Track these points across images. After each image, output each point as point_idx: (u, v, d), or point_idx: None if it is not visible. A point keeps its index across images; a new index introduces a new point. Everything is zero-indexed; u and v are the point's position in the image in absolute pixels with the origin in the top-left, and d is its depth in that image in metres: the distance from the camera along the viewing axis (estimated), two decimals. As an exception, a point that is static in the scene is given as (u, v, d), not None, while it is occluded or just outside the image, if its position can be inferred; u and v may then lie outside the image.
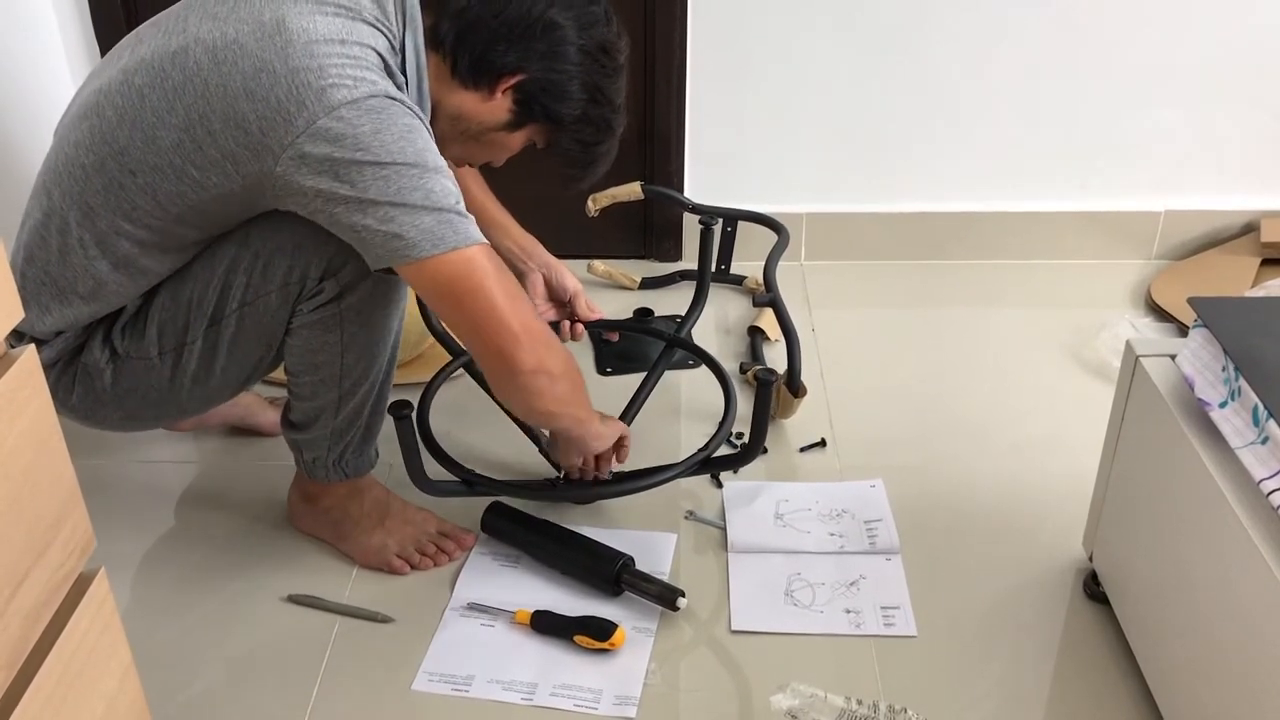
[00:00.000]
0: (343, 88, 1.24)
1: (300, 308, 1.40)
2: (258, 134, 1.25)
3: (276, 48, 1.25)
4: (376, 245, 1.27)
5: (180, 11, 1.35)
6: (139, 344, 1.42)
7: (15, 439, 0.86)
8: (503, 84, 1.40)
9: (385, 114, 1.25)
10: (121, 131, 1.30)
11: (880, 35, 2.20)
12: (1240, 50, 2.21)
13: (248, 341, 1.43)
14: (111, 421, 1.50)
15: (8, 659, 0.86)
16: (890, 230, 2.37)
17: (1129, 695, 1.40)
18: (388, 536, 1.59)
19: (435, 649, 1.47)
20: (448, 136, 1.44)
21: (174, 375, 1.43)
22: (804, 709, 1.37)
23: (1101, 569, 1.50)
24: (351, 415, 1.51)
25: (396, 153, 1.25)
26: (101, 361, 1.42)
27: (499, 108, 1.42)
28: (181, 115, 1.27)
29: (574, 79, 1.41)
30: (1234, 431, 1.17)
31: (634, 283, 2.31)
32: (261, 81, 1.24)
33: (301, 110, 1.23)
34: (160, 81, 1.28)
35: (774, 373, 1.62)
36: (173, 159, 1.29)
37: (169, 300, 1.41)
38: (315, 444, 1.54)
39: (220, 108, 1.25)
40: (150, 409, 1.48)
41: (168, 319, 1.41)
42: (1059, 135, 2.30)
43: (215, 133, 1.26)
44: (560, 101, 1.42)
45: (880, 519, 1.67)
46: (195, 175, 1.29)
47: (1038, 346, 2.11)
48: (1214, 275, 2.26)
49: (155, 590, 1.58)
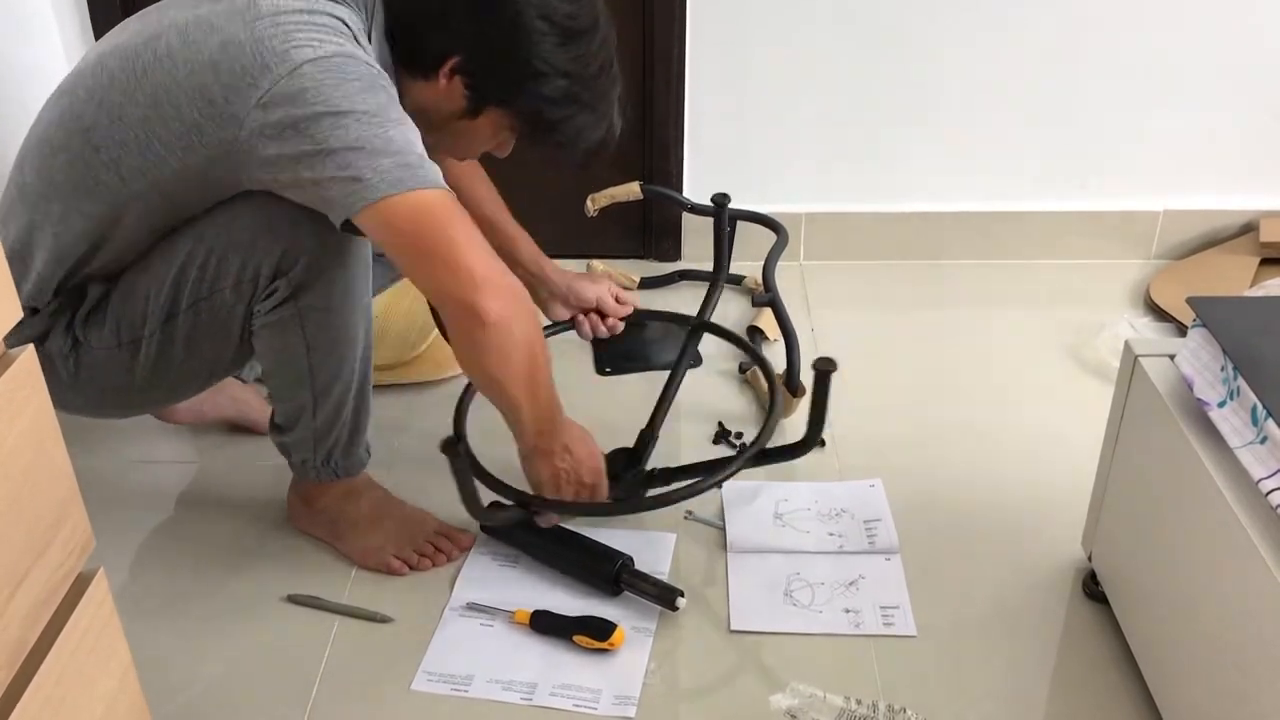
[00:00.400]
0: (306, 48, 1.25)
1: (257, 308, 1.40)
2: (222, 103, 1.25)
3: (244, 22, 1.26)
4: (336, 195, 1.26)
5: (165, 4, 1.38)
6: (99, 334, 1.42)
7: (15, 439, 0.86)
8: (442, 70, 1.38)
9: (347, 68, 1.25)
10: (89, 109, 1.32)
11: (880, 35, 2.20)
12: (1240, 50, 2.21)
13: (204, 338, 1.42)
14: (77, 407, 1.49)
15: (7, 659, 0.86)
16: (889, 230, 2.37)
17: (1129, 695, 1.40)
18: (386, 537, 1.59)
19: (435, 649, 1.47)
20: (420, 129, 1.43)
21: (132, 367, 1.44)
22: (804, 709, 1.37)
23: (1101, 569, 1.50)
24: (331, 415, 1.51)
25: (358, 103, 1.24)
26: (64, 349, 1.43)
27: (452, 94, 1.40)
28: (149, 92, 1.29)
29: (514, 54, 1.36)
30: (1233, 431, 1.17)
31: (634, 283, 2.31)
32: (228, 53, 1.25)
33: (265, 74, 1.24)
34: (131, 64, 1.30)
35: (832, 361, 1.57)
36: (138, 133, 1.30)
37: (127, 292, 1.41)
38: (301, 445, 1.54)
39: (186, 83, 1.27)
40: (113, 398, 1.48)
41: (125, 311, 1.41)
42: (1059, 135, 2.30)
43: (180, 106, 1.27)
44: (507, 81, 1.38)
45: (879, 519, 1.67)
46: (159, 149, 1.30)
47: (1037, 346, 2.11)
48: (1213, 275, 2.26)
49: (155, 590, 1.58)
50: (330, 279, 1.39)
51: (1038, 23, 2.19)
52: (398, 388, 1.94)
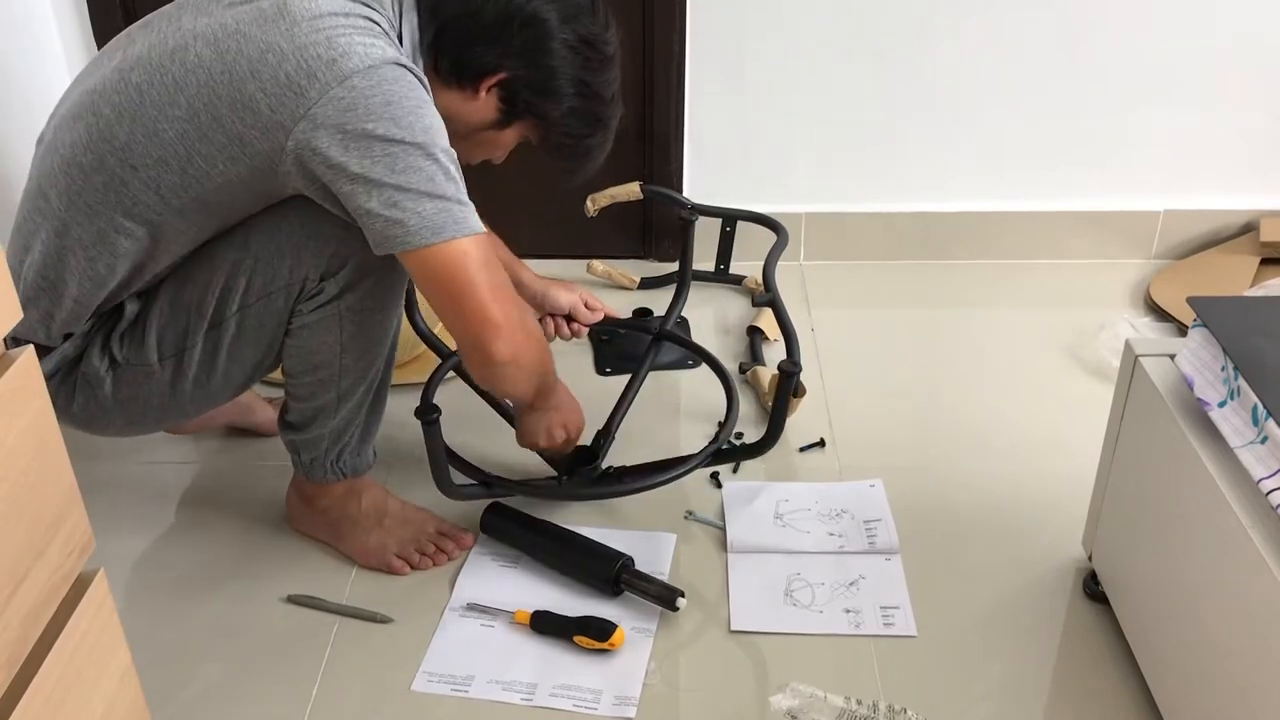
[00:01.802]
0: (353, 56, 1.24)
1: (300, 308, 1.40)
2: (268, 112, 1.24)
3: (281, 30, 1.25)
4: (377, 230, 1.27)
5: (172, 11, 1.35)
6: (139, 351, 1.41)
7: (15, 439, 0.86)
8: (485, 83, 1.40)
9: (397, 85, 1.25)
10: (121, 128, 1.29)
11: (880, 35, 2.20)
12: (1240, 50, 2.21)
13: (249, 343, 1.42)
14: (113, 428, 1.49)
15: (7, 659, 0.86)
16: (890, 230, 2.37)
17: (1129, 695, 1.40)
18: (386, 536, 1.59)
19: (435, 649, 1.47)
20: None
21: (175, 380, 1.43)
22: (804, 709, 1.37)
23: (1101, 569, 1.50)
24: (349, 416, 1.51)
25: (405, 128, 1.24)
26: (101, 370, 1.41)
27: (485, 107, 1.42)
28: (185, 107, 1.26)
29: (558, 75, 1.40)
30: (1233, 431, 1.17)
31: (633, 283, 2.31)
32: (268, 62, 1.24)
33: (313, 82, 1.23)
34: (159, 77, 1.28)
35: (797, 364, 1.64)
36: (177, 149, 1.28)
37: (167, 306, 1.40)
38: (313, 444, 1.54)
39: (227, 94, 1.25)
40: (152, 414, 1.48)
41: (167, 324, 1.40)
42: (1059, 135, 2.30)
43: (222, 118, 1.26)
44: (546, 98, 1.42)
45: (880, 519, 1.67)
46: (200, 164, 1.28)
47: (1037, 346, 2.11)
48: (1213, 275, 2.26)
49: (155, 590, 1.58)
50: (375, 280, 1.40)
51: (1038, 24, 2.19)
52: (398, 387, 1.93)
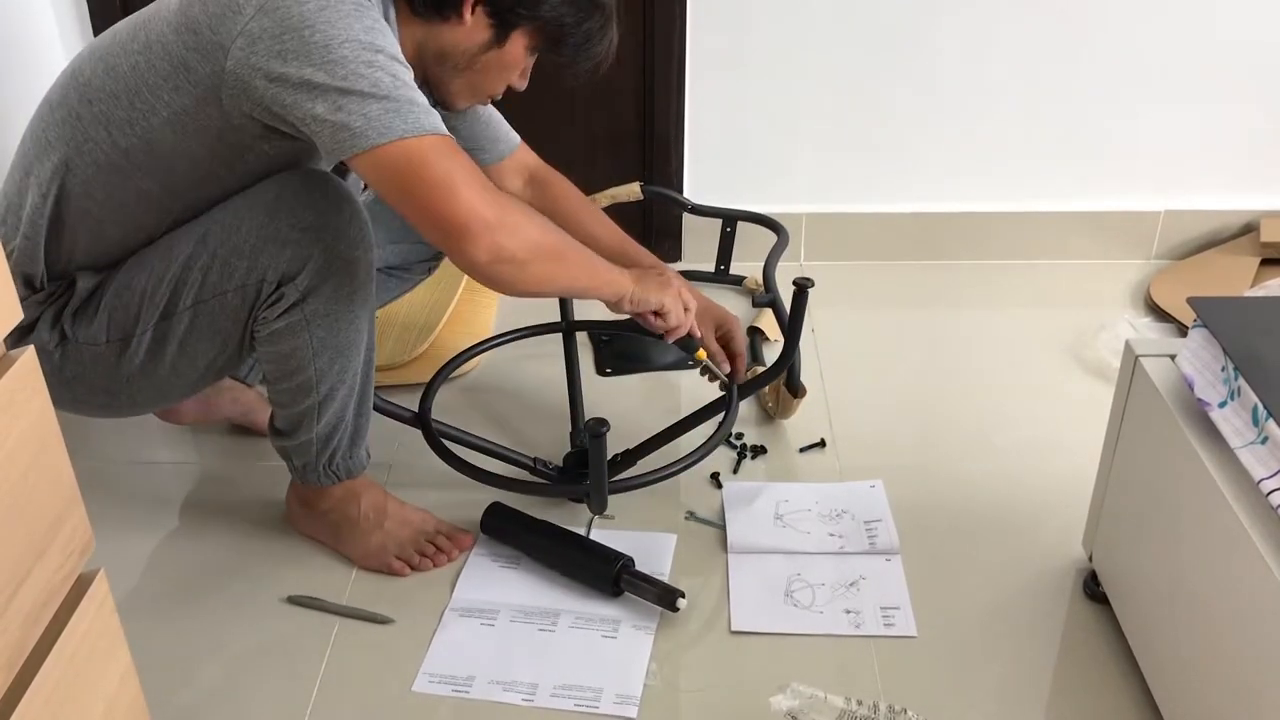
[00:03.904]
0: None
1: (263, 315, 1.39)
2: (208, 33, 1.26)
3: None
4: (326, 137, 1.25)
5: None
6: (87, 329, 1.41)
7: (15, 439, 0.86)
8: (466, 4, 1.39)
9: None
10: (87, 65, 1.35)
11: (880, 35, 2.20)
12: (1240, 50, 2.21)
13: (200, 340, 1.41)
14: (63, 404, 1.47)
15: (8, 660, 0.86)
16: (890, 230, 2.37)
17: (1129, 695, 1.40)
18: (386, 538, 1.59)
19: (435, 650, 1.47)
20: (445, 78, 1.45)
21: (119, 365, 1.42)
22: (804, 709, 1.37)
23: (1101, 569, 1.50)
24: (334, 419, 1.51)
25: (343, 29, 1.23)
26: (50, 344, 1.41)
27: (476, 28, 1.41)
28: (142, 40, 1.32)
29: None
30: (1234, 431, 1.17)
31: (634, 283, 2.30)
32: None
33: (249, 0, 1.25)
34: (133, 21, 1.35)
35: (810, 280, 1.65)
36: (128, 81, 1.31)
37: (122, 288, 1.40)
38: (302, 450, 1.54)
39: (175, 21, 1.29)
40: (98, 397, 1.47)
41: (118, 306, 1.40)
42: (1059, 135, 2.30)
43: (169, 44, 1.29)
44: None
45: (880, 519, 1.67)
46: (147, 96, 1.31)
47: (1037, 347, 2.11)
48: (1214, 275, 2.26)
49: (155, 590, 1.58)
50: (337, 284, 1.39)
51: (1038, 24, 2.19)
52: (398, 388, 1.94)
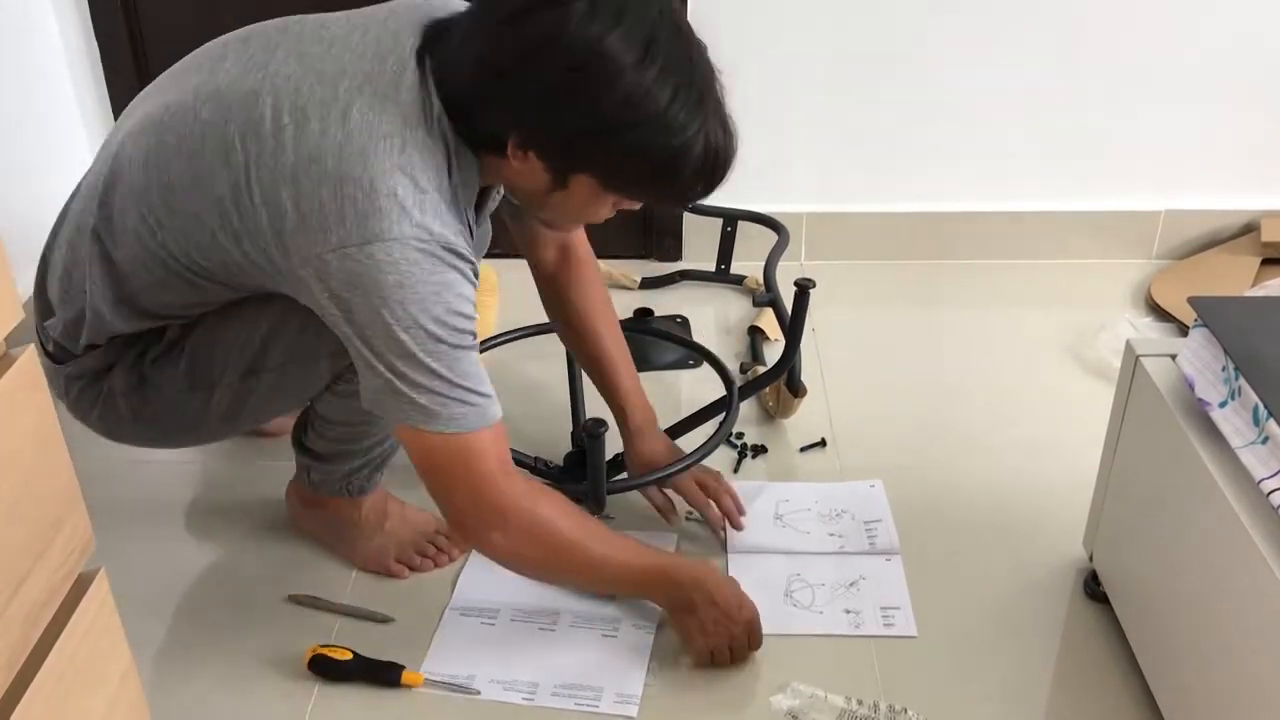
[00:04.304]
0: (385, 219, 1.15)
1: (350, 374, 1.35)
2: (291, 230, 1.18)
3: (336, 141, 1.16)
4: (367, 388, 1.23)
5: (273, 36, 1.27)
6: (169, 375, 1.38)
7: (15, 439, 0.86)
8: (509, 149, 1.21)
9: (418, 267, 1.16)
10: (176, 164, 1.23)
11: (880, 35, 2.20)
12: (1240, 50, 2.21)
13: (284, 394, 1.41)
14: (130, 440, 1.48)
15: (8, 659, 0.85)
16: (890, 230, 2.37)
17: (1129, 695, 1.40)
18: (387, 539, 1.59)
19: (436, 649, 1.47)
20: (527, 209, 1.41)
21: (201, 412, 1.40)
22: (804, 709, 1.37)
23: (1101, 569, 1.50)
24: (371, 457, 1.53)
25: (416, 316, 1.17)
26: (126, 387, 1.38)
27: (532, 170, 1.23)
28: (231, 172, 1.20)
29: (569, 118, 1.18)
30: (1234, 431, 1.17)
31: (634, 283, 2.31)
32: (311, 173, 1.16)
33: (339, 226, 1.16)
34: (224, 123, 1.21)
35: (811, 281, 1.65)
36: (212, 216, 1.22)
37: (209, 337, 1.37)
38: (328, 472, 1.54)
39: (266, 181, 1.18)
40: (172, 436, 1.47)
41: (203, 357, 1.37)
42: (1059, 135, 2.30)
43: (255, 206, 1.20)
44: (574, 146, 1.21)
45: (880, 519, 1.66)
46: (228, 241, 1.23)
47: (1038, 346, 2.11)
48: (1214, 275, 2.26)
49: (155, 590, 1.57)
50: None
51: (1038, 23, 2.19)
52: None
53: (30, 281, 2.00)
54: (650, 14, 1.17)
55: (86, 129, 2.22)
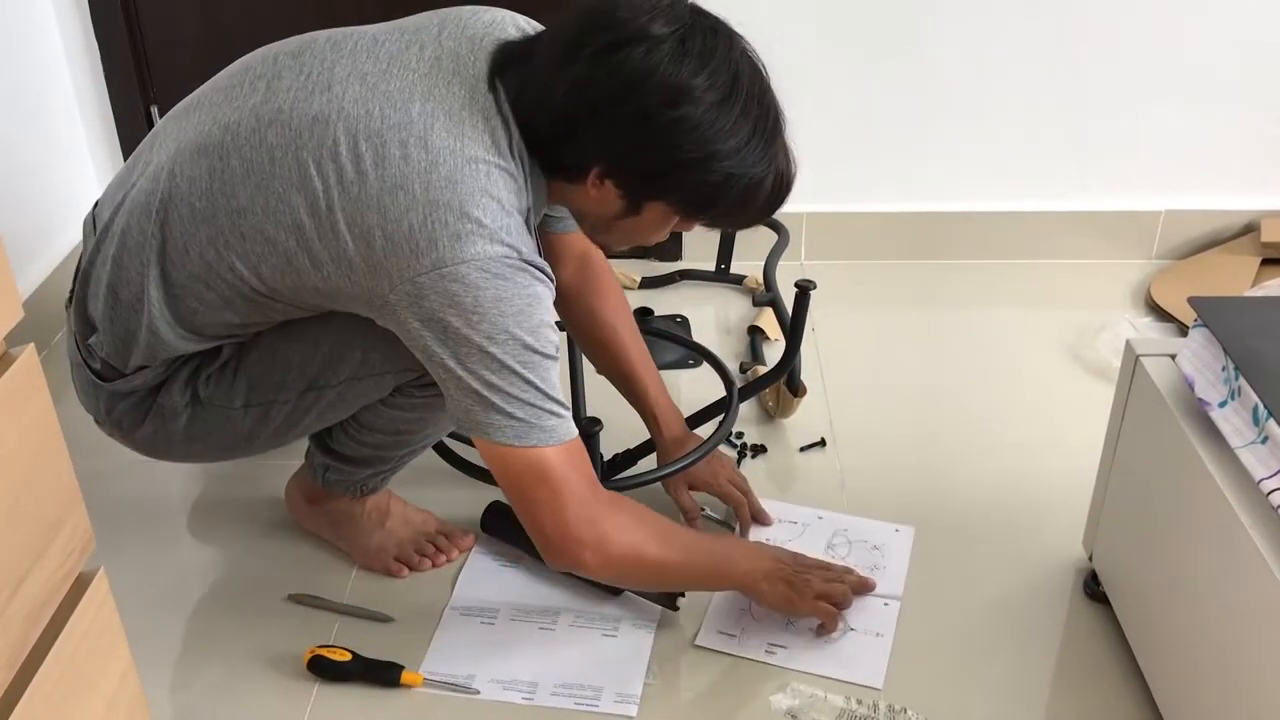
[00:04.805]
0: (477, 240, 1.17)
1: (409, 389, 1.38)
2: (380, 254, 1.18)
3: (421, 167, 1.17)
4: (458, 407, 1.23)
5: (328, 53, 1.26)
6: (225, 393, 1.37)
7: (15, 439, 0.86)
8: (589, 178, 1.25)
9: (511, 282, 1.18)
10: (244, 189, 1.22)
11: (880, 35, 2.20)
12: (1240, 50, 2.21)
13: (342, 410, 1.41)
14: (173, 457, 1.48)
15: (8, 659, 0.85)
16: (890, 230, 2.37)
17: (1129, 695, 1.40)
18: (387, 538, 1.59)
19: (435, 649, 1.47)
20: (589, 232, 1.41)
21: (255, 428, 1.40)
22: (804, 709, 1.37)
23: (1101, 569, 1.50)
24: (398, 464, 1.53)
25: (511, 329, 1.19)
26: (180, 405, 1.38)
27: (606, 198, 1.27)
28: (309, 198, 1.20)
29: (654, 152, 1.21)
30: (1234, 431, 1.17)
31: (634, 282, 2.31)
32: (398, 200, 1.17)
33: (432, 249, 1.16)
34: (295, 149, 1.20)
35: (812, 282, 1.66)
36: (287, 240, 1.22)
37: (267, 355, 1.36)
38: (347, 474, 1.54)
39: (350, 209, 1.18)
40: (217, 451, 1.47)
41: (262, 374, 1.37)
42: (1059, 135, 2.30)
43: (339, 233, 1.19)
44: (655, 177, 1.24)
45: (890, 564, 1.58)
46: (306, 263, 1.22)
47: (1038, 346, 2.11)
48: (1214, 275, 2.26)
49: (156, 590, 1.57)
50: None
51: (1038, 23, 2.19)
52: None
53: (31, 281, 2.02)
54: (734, 54, 1.23)
55: (87, 129, 2.23)
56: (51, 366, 1.42)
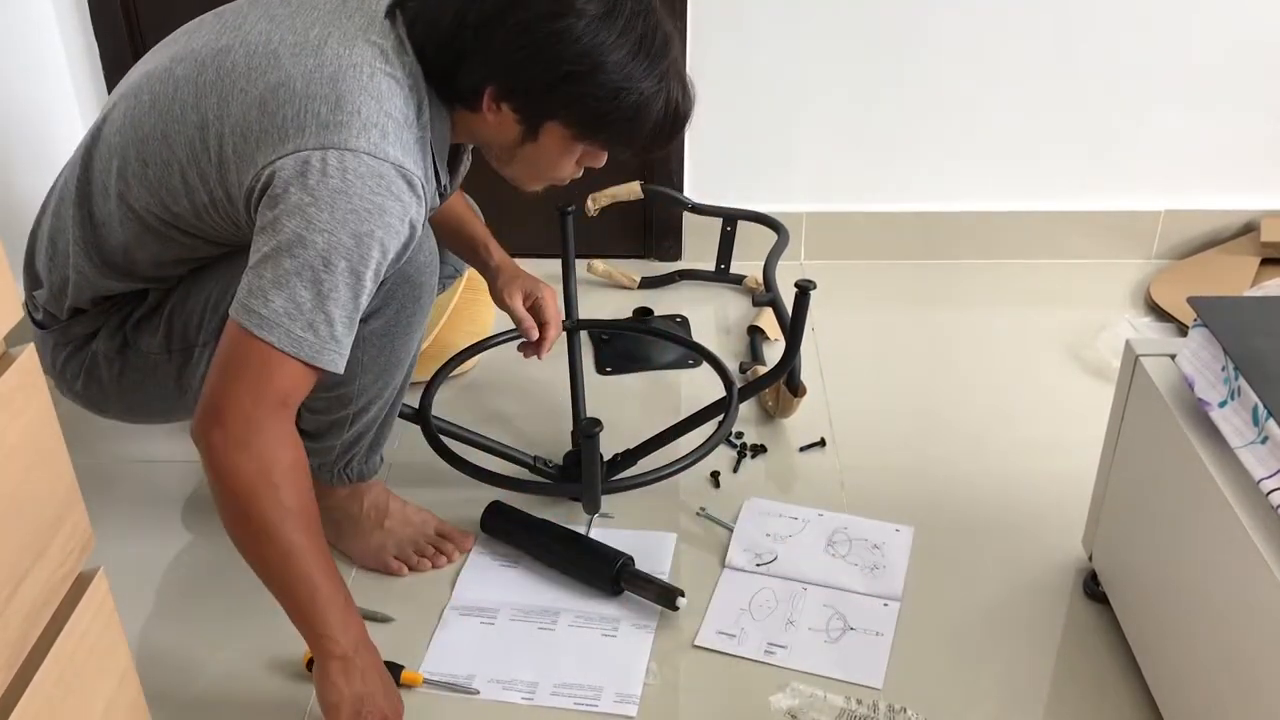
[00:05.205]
0: (345, 130, 1.19)
1: None
2: (253, 145, 1.22)
3: (306, 68, 1.22)
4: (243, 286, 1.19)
5: (244, 6, 1.34)
6: (150, 339, 1.41)
7: (15, 439, 0.86)
8: (484, 102, 1.28)
9: (360, 181, 1.18)
10: (149, 119, 1.29)
11: (880, 35, 2.20)
12: (1240, 51, 2.21)
13: None
14: (113, 412, 1.50)
15: (7, 659, 0.85)
16: (890, 230, 2.37)
17: (1129, 695, 1.40)
18: (386, 537, 1.59)
19: (435, 649, 1.47)
20: (497, 165, 1.40)
21: (180, 375, 1.43)
22: (804, 709, 1.37)
23: (1101, 569, 1.50)
24: (362, 429, 1.52)
25: (337, 224, 1.17)
26: (110, 351, 1.42)
27: (504, 122, 1.30)
28: (200, 114, 1.26)
29: (543, 66, 1.24)
30: (1234, 431, 1.17)
31: (634, 282, 2.31)
32: (279, 96, 1.21)
33: (299, 135, 1.19)
34: (196, 76, 1.27)
35: (812, 282, 1.66)
36: (180, 156, 1.27)
37: (186, 298, 1.40)
38: (323, 452, 1.53)
39: (235, 114, 1.23)
40: (154, 404, 1.48)
41: (181, 318, 1.40)
42: (1059, 135, 2.30)
43: (223, 137, 1.24)
44: (547, 93, 1.27)
45: (890, 564, 1.59)
46: (195, 179, 1.27)
47: (1038, 346, 2.11)
48: (1214, 275, 2.26)
49: (155, 590, 1.58)
50: (400, 306, 1.39)
51: (1038, 23, 2.19)
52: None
53: (30, 281, 2.01)
54: None
55: (86, 128, 2.22)
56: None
